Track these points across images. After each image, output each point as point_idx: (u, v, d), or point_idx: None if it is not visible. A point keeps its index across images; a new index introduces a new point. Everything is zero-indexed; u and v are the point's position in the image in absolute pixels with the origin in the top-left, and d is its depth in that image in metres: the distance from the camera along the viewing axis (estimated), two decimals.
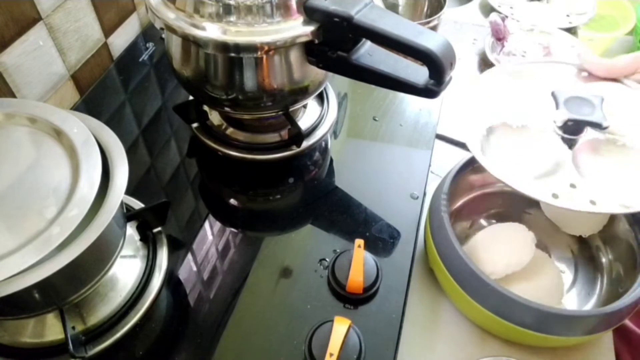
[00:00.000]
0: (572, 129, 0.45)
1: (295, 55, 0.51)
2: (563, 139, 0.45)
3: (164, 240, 0.51)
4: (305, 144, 0.60)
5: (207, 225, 0.55)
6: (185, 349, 0.45)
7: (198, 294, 0.49)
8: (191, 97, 0.61)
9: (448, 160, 0.59)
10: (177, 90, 0.71)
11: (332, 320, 0.44)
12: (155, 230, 0.51)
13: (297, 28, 0.48)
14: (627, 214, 0.53)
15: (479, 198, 0.63)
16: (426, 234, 0.55)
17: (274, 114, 0.58)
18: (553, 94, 0.47)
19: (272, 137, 0.62)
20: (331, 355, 0.42)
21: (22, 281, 0.33)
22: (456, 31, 1.00)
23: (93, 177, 0.38)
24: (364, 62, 0.49)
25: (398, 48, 0.46)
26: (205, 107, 0.62)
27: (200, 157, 0.63)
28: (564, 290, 0.54)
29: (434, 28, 0.88)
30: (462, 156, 0.56)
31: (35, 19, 0.59)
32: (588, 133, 0.45)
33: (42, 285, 0.34)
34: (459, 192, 0.60)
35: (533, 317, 0.45)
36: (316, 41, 0.49)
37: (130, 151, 0.62)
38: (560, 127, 0.45)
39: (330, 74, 0.57)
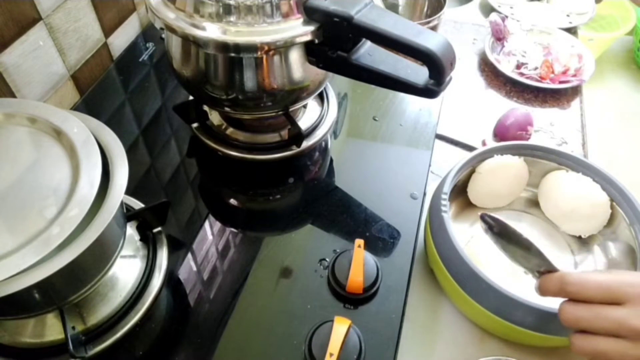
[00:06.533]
0: None
1: (295, 55, 0.51)
2: None
3: (164, 240, 0.51)
4: (305, 144, 0.60)
5: (207, 225, 0.55)
6: (185, 349, 0.45)
7: (198, 294, 0.49)
8: (191, 97, 0.61)
9: (448, 160, 0.60)
10: (177, 90, 0.71)
11: (332, 320, 0.44)
12: (155, 230, 0.51)
13: (297, 28, 0.48)
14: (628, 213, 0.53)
15: None
16: (426, 234, 0.55)
17: (274, 114, 0.58)
18: None
19: (272, 137, 0.62)
20: (331, 355, 0.42)
21: (22, 281, 0.33)
22: (456, 31, 1.00)
23: (93, 177, 0.38)
24: (364, 62, 0.49)
25: (398, 48, 0.46)
26: (205, 107, 0.62)
27: (200, 157, 0.63)
28: None
29: (434, 28, 0.87)
30: (462, 156, 0.56)
31: (35, 19, 0.59)
32: None
33: (42, 285, 0.34)
34: (459, 192, 0.60)
35: (533, 317, 0.45)
36: (316, 41, 0.49)
37: (130, 151, 0.62)
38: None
39: (330, 74, 0.57)
